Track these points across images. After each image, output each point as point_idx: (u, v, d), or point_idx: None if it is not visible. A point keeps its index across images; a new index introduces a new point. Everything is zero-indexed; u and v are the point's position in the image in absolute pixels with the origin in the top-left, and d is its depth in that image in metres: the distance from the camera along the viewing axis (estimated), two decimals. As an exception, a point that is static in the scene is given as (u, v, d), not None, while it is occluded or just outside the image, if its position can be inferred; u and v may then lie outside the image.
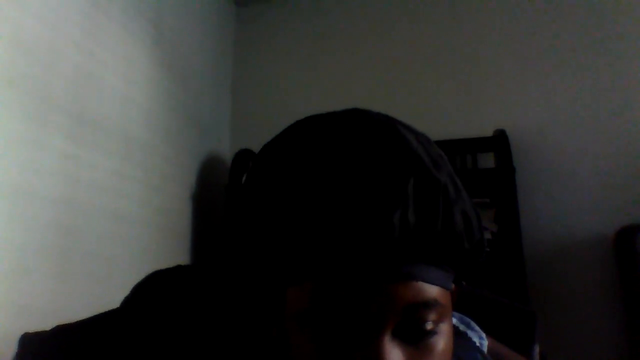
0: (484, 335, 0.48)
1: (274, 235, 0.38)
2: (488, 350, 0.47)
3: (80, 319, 0.53)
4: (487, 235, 1.62)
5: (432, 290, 0.37)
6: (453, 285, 0.42)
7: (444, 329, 0.38)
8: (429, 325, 0.37)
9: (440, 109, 1.96)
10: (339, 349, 0.36)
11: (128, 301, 0.55)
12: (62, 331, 0.48)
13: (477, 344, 0.46)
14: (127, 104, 1.46)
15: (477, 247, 0.41)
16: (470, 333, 0.47)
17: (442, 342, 0.38)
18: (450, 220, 0.38)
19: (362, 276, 0.35)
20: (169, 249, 1.63)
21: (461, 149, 1.83)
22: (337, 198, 0.36)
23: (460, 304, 0.48)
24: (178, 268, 0.58)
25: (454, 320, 0.46)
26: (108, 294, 1.26)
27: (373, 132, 0.38)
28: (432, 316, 0.37)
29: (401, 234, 0.35)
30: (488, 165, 1.85)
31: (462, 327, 0.47)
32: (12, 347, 0.70)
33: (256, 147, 0.45)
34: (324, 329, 0.36)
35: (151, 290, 0.55)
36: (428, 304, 0.36)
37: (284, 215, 0.37)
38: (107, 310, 0.55)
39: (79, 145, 1.25)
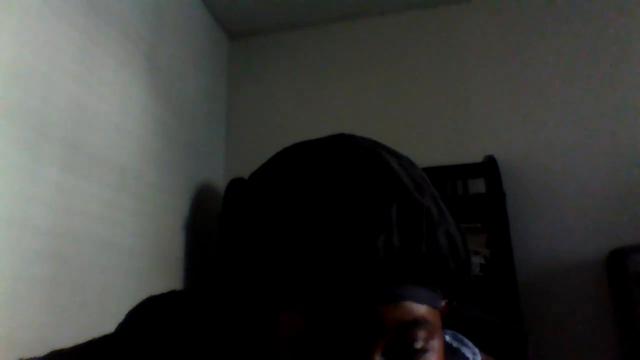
0: (477, 350, 0.48)
1: (263, 262, 0.39)
2: (481, 365, 0.47)
3: (72, 345, 0.52)
4: (480, 260, 1.62)
5: (420, 309, 0.38)
6: (443, 303, 0.43)
7: (435, 346, 0.39)
8: (419, 344, 0.38)
9: (431, 137, 1.99)
10: None
11: (122, 326, 0.55)
12: (57, 356, 0.48)
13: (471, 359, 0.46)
14: (121, 135, 1.47)
15: (463, 267, 0.42)
16: (463, 349, 0.47)
17: (433, 359, 0.38)
18: (435, 242, 0.39)
19: (351, 299, 0.37)
20: (162, 278, 1.61)
21: (452, 175, 1.85)
22: (322, 224, 0.37)
23: (452, 323, 0.49)
24: (172, 293, 0.59)
25: (447, 338, 0.47)
26: (100, 324, 1.24)
27: (356, 158, 0.40)
28: (421, 334, 0.38)
29: (386, 257, 0.37)
30: (479, 191, 1.87)
31: (455, 344, 0.48)
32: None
33: (249, 175, 0.46)
34: (316, 353, 0.37)
35: (146, 316, 0.55)
36: (417, 323, 0.37)
37: (272, 243, 0.38)
38: (105, 333, 0.55)
39: (73, 175, 1.25)
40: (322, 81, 2.17)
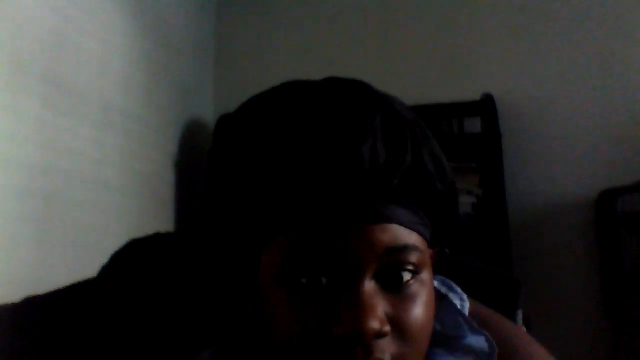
0: (465, 297, 0.48)
1: (248, 188, 0.38)
2: (470, 312, 0.47)
3: (49, 291, 0.51)
4: (472, 200, 1.62)
5: (410, 236, 0.37)
6: (432, 251, 0.41)
7: (425, 278, 0.38)
8: (409, 271, 0.37)
9: (427, 73, 1.94)
10: (320, 297, 0.35)
11: (105, 269, 0.54)
12: (33, 302, 0.47)
13: (459, 307, 0.46)
14: (105, 69, 1.41)
15: (450, 191, 0.41)
16: (451, 296, 0.46)
17: (423, 291, 0.38)
18: (420, 157, 0.38)
19: (337, 217, 0.35)
20: (152, 216, 1.61)
21: (447, 114, 1.82)
22: (306, 140, 0.36)
23: (444, 270, 0.48)
24: (156, 236, 0.57)
25: (436, 284, 0.46)
26: (90, 262, 1.25)
27: (339, 84, 0.40)
28: (412, 261, 0.37)
29: (372, 168, 0.36)
30: (475, 130, 1.84)
31: (443, 290, 0.47)
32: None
33: (236, 108, 0.45)
34: (301, 278, 0.36)
35: (129, 259, 0.54)
36: (407, 248, 0.36)
37: (256, 166, 0.37)
38: (85, 278, 0.54)
39: (56, 112, 1.21)
40: (315, 15, 2.08)
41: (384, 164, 0.36)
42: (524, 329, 0.54)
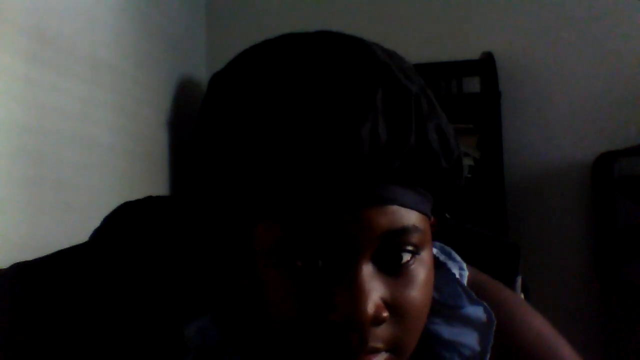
0: (464, 265, 0.47)
1: (238, 165, 0.35)
2: (468, 281, 0.46)
3: (58, 249, 0.50)
4: (469, 162, 1.61)
5: (410, 216, 0.35)
6: (432, 218, 0.40)
7: (424, 258, 0.37)
8: (408, 252, 0.35)
9: (424, 30, 1.89)
10: (315, 281, 0.34)
11: (97, 234, 0.53)
12: (22, 269, 0.46)
13: (457, 276, 0.45)
14: (93, 24, 1.35)
15: (456, 167, 0.38)
16: (450, 264, 0.46)
17: (422, 271, 0.36)
18: (424, 135, 0.35)
19: (333, 200, 0.33)
20: (146, 176, 1.60)
21: (446, 73, 1.79)
22: (301, 116, 0.33)
23: (443, 236, 0.47)
24: (149, 199, 0.56)
25: (435, 251, 0.45)
26: (82, 223, 1.24)
27: (337, 47, 0.35)
28: (411, 242, 0.35)
29: (372, 150, 0.33)
30: (473, 90, 1.81)
31: (442, 258, 0.46)
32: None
33: (226, 65, 0.42)
34: (298, 262, 0.34)
35: (121, 223, 0.53)
36: (406, 230, 0.35)
37: (246, 141, 0.34)
38: (77, 243, 0.53)
39: (42, 68, 1.17)
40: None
41: (384, 145, 0.33)
42: (522, 296, 0.54)
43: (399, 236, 0.34)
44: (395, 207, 0.34)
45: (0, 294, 0.44)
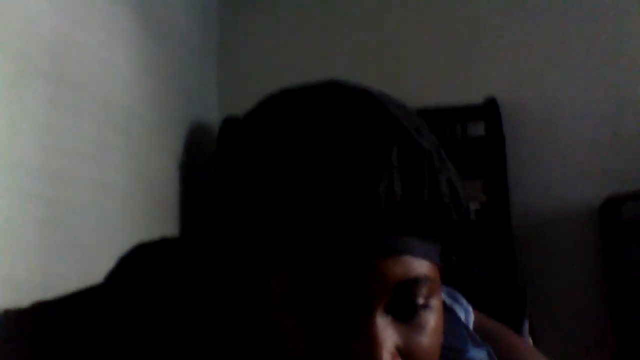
0: (470, 309, 0.47)
1: (255, 214, 0.36)
2: (474, 325, 0.47)
3: (70, 290, 0.51)
4: (475, 206, 1.62)
5: (422, 266, 0.36)
6: (439, 265, 0.41)
7: (435, 304, 0.38)
8: (421, 302, 0.36)
9: (429, 76, 1.93)
10: (331, 331, 0.35)
11: (112, 274, 0.54)
12: (41, 307, 0.47)
13: (463, 319, 0.46)
14: (109, 69, 1.40)
15: (464, 218, 0.40)
16: (456, 307, 0.46)
17: (433, 318, 0.37)
18: (437, 189, 0.37)
19: (348, 252, 0.34)
20: (156, 219, 1.61)
21: (450, 117, 1.82)
22: (318, 172, 0.35)
23: (450, 279, 0.48)
24: (163, 241, 0.57)
25: (442, 295, 0.46)
26: (96, 265, 1.25)
27: (351, 102, 0.37)
28: (423, 292, 0.36)
29: (387, 206, 0.34)
30: (478, 134, 1.84)
31: (449, 301, 0.47)
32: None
33: (240, 122, 0.43)
34: (313, 312, 0.35)
35: (136, 264, 0.54)
36: (419, 280, 0.36)
37: (265, 193, 0.36)
38: (97, 280, 0.54)
39: (59, 111, 1.21)
40: (318, 16, 2.08)
41: (399, 201, 0.35)
42: (530, 340, 0.54)
43: (412, 286, 0.35)
44: (408, 258, 0.35)
45: (22, 329, 0.45)
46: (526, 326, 0.53)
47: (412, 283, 0.35)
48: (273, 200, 0.35)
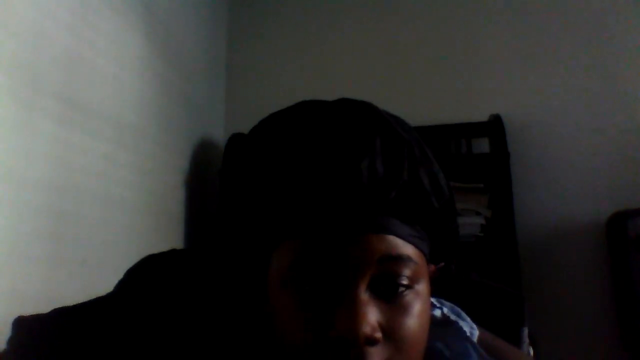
0: (474, 325, 0.48)
1: (258, 201, 0.41)
2: (478, 340, 0.47)
3: (75, 304, 0.53)
4: (481, 221, 1.62)
5: (406, 247, 0.39)
6: (433, 266, 0.44)
7: (420, 290, 0.40)
8: (404, 281, 0.39)
9: (435, 94, 1.95)
10: (319, 301, 0.38)
11: (122, 285, 0.55)
12: (60, 314, 0.49)
13: (468, 334, 0.47)
14: (118, 88, 1.44)
15: (447, 208, 0.43)
16: (461, 323, 0.47)
17: (418, 302, 0.39)
18: (416, 174, 0.41)
19: (336, 228, 0.38)
20: (162, 234, 1.62)
21: (456, 134, 1.83)
22: (313, 159, 0.40)
23: (449, 287, 0.49)
24: (172, 252, 0.59)
25: (445, 310, 0.47)
26: (102, 280, 1.26)
27: (349, 106, 0.43)
28: (406, 272, 0.39)
29: (370, 181, 0.39)
30: (483, 150, 1.85)
31: (453, 317, 0.48)
32: (4, 333, 0.70)
33: (248, 132, 0.48)
34: (304, 284, 0.38)
35: (145, 275, 0.55)
36: (402, 258, 0.39)
37: (266, 182, 0.41)
38: (102, 294, 0.55)
39: (70, 130, 1.23)
40: (322, 35, 2.12)
41: (381, 178, 0.39)
42: (531, 349, 0.54)
43: (395, 264, 0.39)
44: (392, 237, 0.39)
45: (42, 334, 0.48)
46: (525, 333, 0.53)
47: (395, 260, 0.38)
48: (277, 181, 0.40)
